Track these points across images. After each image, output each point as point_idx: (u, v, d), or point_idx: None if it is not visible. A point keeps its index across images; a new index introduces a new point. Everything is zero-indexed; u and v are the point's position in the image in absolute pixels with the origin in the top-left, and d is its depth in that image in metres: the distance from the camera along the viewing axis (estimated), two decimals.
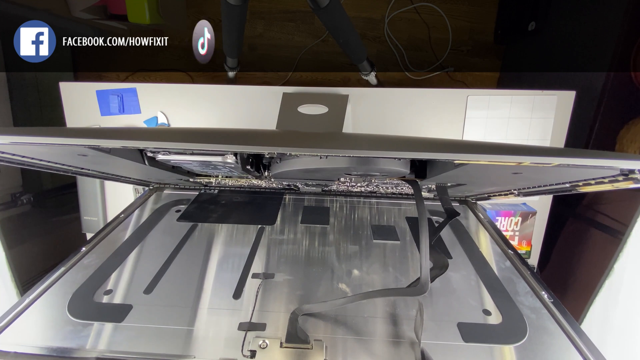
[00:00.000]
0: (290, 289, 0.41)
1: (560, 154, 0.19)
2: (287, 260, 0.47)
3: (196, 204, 0.62)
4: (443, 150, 0.21)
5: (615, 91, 0.93)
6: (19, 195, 1.14)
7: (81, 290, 0.39)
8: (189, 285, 0.41)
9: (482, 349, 0.32)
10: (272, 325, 0.35)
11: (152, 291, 0.40)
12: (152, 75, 1.63)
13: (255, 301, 0.38)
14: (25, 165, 0.36)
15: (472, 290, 0.41)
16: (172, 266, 0.45)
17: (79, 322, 0.34)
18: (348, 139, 0.34)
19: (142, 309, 0.37)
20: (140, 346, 0.31)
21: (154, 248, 0.49)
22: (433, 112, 0.83)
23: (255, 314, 0.36)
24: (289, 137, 0.33)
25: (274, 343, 0.31)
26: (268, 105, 0.83)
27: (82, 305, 0.37)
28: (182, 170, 0.54)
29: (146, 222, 0.56)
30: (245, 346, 0.31)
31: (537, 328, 0.35)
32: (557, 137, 0.82)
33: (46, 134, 0.22)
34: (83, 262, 0.44)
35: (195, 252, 0.49)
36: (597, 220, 0.95)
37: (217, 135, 0.30)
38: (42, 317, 0.35)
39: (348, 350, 0.32)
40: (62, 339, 0.32)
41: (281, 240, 0.52)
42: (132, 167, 0.48)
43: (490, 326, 0.35)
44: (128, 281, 0.42)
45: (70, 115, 0.86)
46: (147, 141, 0.24)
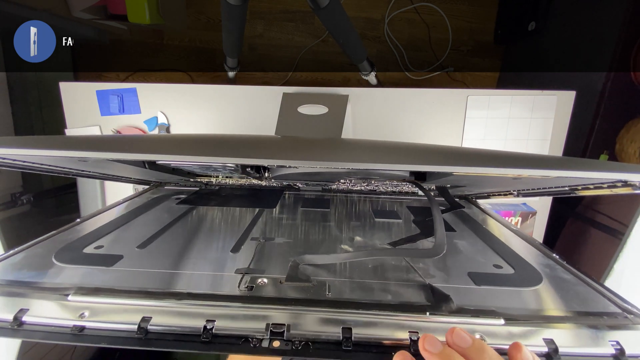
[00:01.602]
0: (290, 248, 0.39)
1: (560, 167, 0.19)
2: (287, 229, 0.45)
3: (197, 194, 0.62)
4: (441, 163, 0.21)
5: (615, 91, 0.93)
6: (19, 195, 1.14)
7: (70, 244, 0.37)
8: (185, 245, 0.40)
9: (496, 292, 0.30)
10: (271, 272, 0.32)
11: (146, 247, 0.38)
12: (152, 75, 1.63)
13: (255, 253, 0.37)
14: (26, 169, 0.36)
15: (479, 252, 0.39)
16: (169, 232, 0.43)
17: (65, 266, 0.32)
18: (347, 149, 0.34)
19: (133, 258, 0.35)
20: (129, 284, 0.29)
21: (151, 219, 0.48)
22: (433, 112, 0.82)
23: (254, 264, 0.34)
24: (288, 148, 0.33)
25: (273, 281, 0.30)
26: (268, 105, 0.83)
27: (70, 255, 0.35)
28: (183, 171, 0.54)
29: (145, 203, 0.55)
30: (242, 284, 0.29)
31: (552, 277, 0.33)
32: (557, 137, 0.82)
33: (50, 146, 0.22)
34: (76, 228, 0.42)
35: (194, 223, 0.47)
36: (597, 220, 0.95)
37: (216, 145, 0.29)
38: (25, 263, 0.33)
39: (353, 289, 0.30)
40: (43, 277, 0.30)
41: (281, 218, 0.50)
42: (132, 169, 0.48)
43: (502, 275, 0.34)
44: (121, 240, 0.40)
45: (70, 115, 0.86)
46: (146, 154, 0.24)
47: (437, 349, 0.19)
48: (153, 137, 0.79)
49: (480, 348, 0.19)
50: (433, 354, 0.19)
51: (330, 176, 0.51)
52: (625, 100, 0.93)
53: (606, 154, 0.96)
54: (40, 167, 0.37)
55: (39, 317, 0.24)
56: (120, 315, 0.24)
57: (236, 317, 0.24)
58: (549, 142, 0.82)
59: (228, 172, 0.57)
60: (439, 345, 0.19)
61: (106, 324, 0.24)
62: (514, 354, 0.19)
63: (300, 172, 0.39)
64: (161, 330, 0.23)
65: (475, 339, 0.19)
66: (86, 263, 0.33)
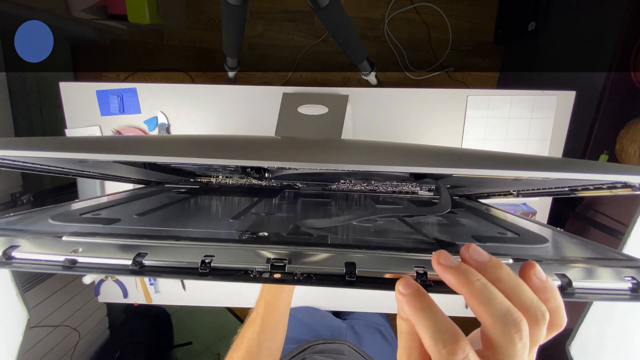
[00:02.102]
0: (290, 221, 0.38)
1: (560, 168, 0.19)
2: (287, 209, 0.45)
3: (197, 190, 0.62)
4: (441, 165, 0.21)
5: (615, 91, 0.93)
6: (19, 195, 1.14)
7: (68, 211, 0.36)
8: (185, 215, 0.39)
9: (501, 248, 0.29)
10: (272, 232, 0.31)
11: (145, 216, 0.37)
12: (152, 75, 1.63)
13: (255, 221, 0.35)
14: (26, 169, 0.36)
15: (482, 225, 0.38)
16: (169, 207, 0.43)
17: (61, 224, 0.31)
18: (347, 150, 0.34)
19: (132, 222, 0.34)
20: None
21: (151, 200, 0.47)
22: (433, 112, 0.82)
23: (255, 227, 0.33)
24: (288, 149, 0.33)
25: (274, 235, 0.29)
26: (268, 105, 0.83)
27: (67, 217, 0.33)
28: (183, 171, 0.54)
29: (146, 192, 0.55)
30: (243, 235, 0.29)
31: (557, 240, 0.32)
32: (557, 137, 0.82)
33: (50, 147, 0.22)
34: (72, 204, 0.42)
35: (194, 204, 0.47)
36: (597, 220, 0.95)
37: (216, 147, 0.29)
38: (21, 222, 0.32)
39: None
40: (39, 229, 0.29)
41: (281, 204, 0.50)
42: (132, 170, 0.48)
43: (507, 237, 0.33)
44: (120, 211, 0.39)
45: (70, 115, 0.86)
46: (146, 155, 0.23)
47: (453, 264, 0.18)
48: (153, 137, 0.79)
49: (497, 264, 0.18)
50: (448, 268, 0.18)
51: (330, 177, 0.51)
52: (625, 100, 0.93)
53: (606, 154, 0.96)
54: (40, 167, 0.37)
55: (30, 252, 0.23)
56: (115, 251, 0.23)
57: (236, 254, 0.23)
58: (549, 142, 0.82)
59: (228, 172, 0.57)
60: (454, 260, 0.18)
61: (100, 258, 0.23)
62: (527, 271, 0.18)
63: (300, 173, 0.39)
64: (157, 264, 0.22)
65: (492, 256, 0.19)
66: (83, 222, 0.33)
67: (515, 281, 0.18)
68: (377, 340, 0.80)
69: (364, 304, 0.93)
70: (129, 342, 1.50)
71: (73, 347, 1.34)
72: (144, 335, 1.56)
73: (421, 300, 0.18)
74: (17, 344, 0.81)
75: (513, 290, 0.18)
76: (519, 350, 0.17)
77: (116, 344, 1.50)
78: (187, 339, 1.74)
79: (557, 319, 0.19)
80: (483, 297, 0.17)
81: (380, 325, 0.86)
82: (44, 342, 1.18)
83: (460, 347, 0.16)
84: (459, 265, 0.18)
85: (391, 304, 0.92)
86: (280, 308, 0.51)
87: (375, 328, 0.84)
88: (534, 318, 0.17)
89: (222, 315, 1.73)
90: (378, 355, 0.71)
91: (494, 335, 0.17)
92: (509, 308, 0.17)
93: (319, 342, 0.70)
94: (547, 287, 0.18)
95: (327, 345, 0.69)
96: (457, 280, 0.18)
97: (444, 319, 0.17)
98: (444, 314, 0.18)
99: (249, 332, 0.49)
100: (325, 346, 0.69)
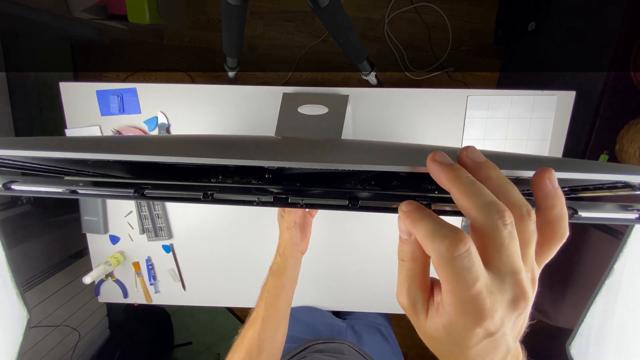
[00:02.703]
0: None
1: (559, 168, 0.19)
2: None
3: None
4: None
5: (615, 91, 0.93)
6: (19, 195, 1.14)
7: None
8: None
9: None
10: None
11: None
12: (152, 75, 1.63)
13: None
14: (27, 170, 0.36)
15: None
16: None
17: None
18: (346, 150, 0.33)
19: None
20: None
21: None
22: (433, 112, 0.82)
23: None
24: (288, 149, 0.32)
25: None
26: (268, 105, 0.83)
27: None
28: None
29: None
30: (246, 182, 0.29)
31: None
32: (557, 137, 0.82)
33: (51, 147, 0.22)
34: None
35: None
36: None
37: (216, 147, 0.29)
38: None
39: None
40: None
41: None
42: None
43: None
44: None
45: (70, 115, 0.86)
46: (147, 155, 0.23)
47: (447, 161, 0.18)
48: (153, 138, 0.79)
49: (491, 166, 0.18)
50: (440, 164, 0.18)
51: (331, 177, 0.51)
52: (625, 100, 0.93)
53: (606, 154, 0.96)
54: (40, 167, 0.37)
55: (30, 186, 0.24)
56: (117, 186, 0.24)
57: (237, 190, 0.23)
58: (549, 142, 0.82)
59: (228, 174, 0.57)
60: (449, 159, 0.18)
61: (101, 189, 0.23)
62: (542, 174, 0.18)
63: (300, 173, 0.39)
64: (158, 194, 0.23)
65: (488, 160, 0.19)
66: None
67: (505, 181, 0.18)
68: (376, 339, 0.80)
69: (364, 304, 0.93)
70: (129, 342, 1.50)
71: (73, 347, 1.34)
72: (144, 335, 1.56)
73: (422, 211, 0.18)
74: (17, 344, 0.81)
75: (501, 189, 0.18)
76: (505, 238, 0.17)
77: (116, 344, 1.50)
78: (187, 339, 1.74)
79: (560, 228, 0.19)
80: (469, 191, 0.17)
81: (380, 325, 0.86)
82: (44, 342, 1.18)
83: (461, 239, 0.16)
84: (452, 164, 0.18)
85: (391, 304, 0.92)
86: (281, 308, 0.52)
87: (375, 328, 0.84)
88: (518, 213, 0.17)
89: (222, 315, 1.73)
90: (378, 355, 0.71)
91: (479, 224, 0.17)
92: (494, 200, 0.17)
93: (319, 342, 0.70)
94: (557, 195, 0.18)
95: (327, 345, 0.69)
96: (446, 176, 0.18)
97: (444, 221, 0.17)
98: (445, 221, 0.18)
99: (250, 333, 0.49)
100: (325, 345, 0.69)
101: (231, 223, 0.90)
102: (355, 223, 0.88)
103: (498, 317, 0.17)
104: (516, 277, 0.17)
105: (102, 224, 0.90)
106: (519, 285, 0.17)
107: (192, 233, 0.91)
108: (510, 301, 0.17)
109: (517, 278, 0.17)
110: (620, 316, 0.70)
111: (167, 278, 0.94)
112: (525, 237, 0.18)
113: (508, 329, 0.18)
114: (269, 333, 0.49)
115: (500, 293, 0.17)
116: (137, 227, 0.90)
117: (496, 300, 0.17)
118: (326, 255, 0.90)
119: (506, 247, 0.17)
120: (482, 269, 0.16)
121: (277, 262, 0.55)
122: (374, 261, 0.90)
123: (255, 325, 0.49)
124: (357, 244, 0.89)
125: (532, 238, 0.18)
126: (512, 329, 0.18)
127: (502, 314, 0.17)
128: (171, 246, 0.92)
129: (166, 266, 0.93)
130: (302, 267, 0.58)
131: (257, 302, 0.53)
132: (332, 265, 0.91)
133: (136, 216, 0.89)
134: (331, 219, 0.88)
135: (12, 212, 1.18)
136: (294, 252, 0.55)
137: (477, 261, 0.16)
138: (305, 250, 0.59)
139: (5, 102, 1.23)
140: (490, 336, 0.17)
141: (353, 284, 0.92)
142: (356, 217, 0.88)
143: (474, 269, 0.16)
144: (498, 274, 0.17)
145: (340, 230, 0.89)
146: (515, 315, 0.18)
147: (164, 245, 0.91)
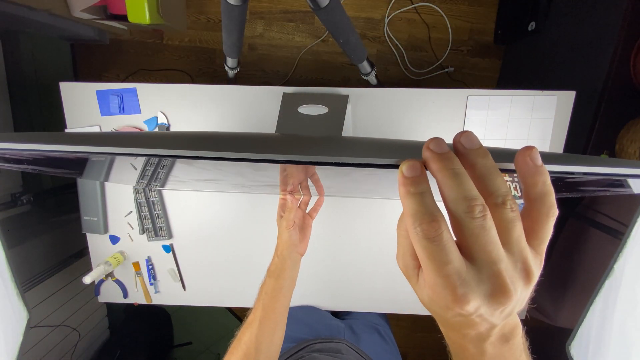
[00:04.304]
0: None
1: (560, 163, 0.19)
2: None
3: None
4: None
5: (615, 91, 0.93)
6: (19, 195, 1.14)
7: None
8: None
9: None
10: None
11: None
12: (152, 75, 1.63)
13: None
14: (28, 169, 0.36)
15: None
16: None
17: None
18: (345, 145, 0.33)
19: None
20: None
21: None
22: (433, 112, 0.82)
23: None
24: (288, 144, 0.32)
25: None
26: (268, 105, 0.83)
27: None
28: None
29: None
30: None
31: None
32: (557, 137, 0.82)
33: (53, 141, 0.22)
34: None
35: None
36: (597, 220, 0.95)
37: (216, 142, 0.29)
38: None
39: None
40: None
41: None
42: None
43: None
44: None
45: (70, 115, 0.86)
46: (153, 149, 0.23)
47: (442, 150, 0.18)
48: (155, 133, 0.79)
49: (482, 153, 0.18)
50: (434, 154, 0.18)
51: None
52: (625, 100, 0.93)
53: (606, 154, 0.96)
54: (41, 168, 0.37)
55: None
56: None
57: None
58: (549, 142, 0.82)
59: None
60: (445, 147, 0.18)
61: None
62: (523, 152, 0.18)
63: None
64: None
65: (483, 146, 0.19)
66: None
67: (489, 169, 0.18)
68: (375, 339, 0.80)
69: (363, 304, 0.93)
70: (129, 342, 1.50)
71: (73, 347, 1.34)
72: (144, 335, 1.56)
73: (418, 185, 0.18)
74: (17, 344, 0.81)
75: (483, 177, 0.18)
76: (475, 229, 0.17)
77: (116, 344, 1.50)
78: (187, 339, 1.74)
79: (544, 205, 0.19)
80: (448, 183, 0.18)
81: (379, 325, 0.86)
82: (44, 342, 1.18)
83: (434, 225, 0.17)
84: (443, 154, 0.18)
85: (389, 304, 0.92)
86: (278, 310, 0.51)
87: (373, 328, 0.84)
88: (493, 202, 0.18)
89: (222, 315, 1.73)
90: (376, 355, 0.71)
91: (453, 216, 0.18)
92: (468, 194, 0.17)
93: (317, 341, 0.70)
94: (538, 172, 0.18)
95: (325, 344, 0.69)
96: (434, 166, 0.18)
97: (427, 202, 0.18)
98: (434, 201, 0.18)
99: (247, 335, 0.48)
100: (323, 345, 0.69)
101: (231, 223, 0.90)
102: (355, 223, 0.88)
103: (472, 306, 0.17)
104: (494, 268, 0.17)
105: (102, 224, 0.90)
106: (499, 277, 0.17)
107: (192, 233, 0.91)
108: (489, 294, 0.17)
109: (495, 269, 0.17)
110: (620, 316, 0.70)
111: (167, 278, 0.94)
112: (503, 224, 0.18)
113: (487, 314, 0.18)
114: (267, 335, 0.48)
115: (477, 283, 0.17)
116: (137, 227, 0.90)
117: (470, 289, 0.17)
118: (325, 255, 0.91)
119: (477, 238, 0.17)
120: (457, 255, 0.17)
121: (275, 263, 0.54)
122: (373, 261, 0.90)
123: (253, 327, 0.48)
124: (356, 244, 0.90)
125: (512, 224, 0.18)
126: (495, 317, 0.18)
127: (477, 305, 0.17)
128: (171, 246, 0.92)
129: (166, 266, 0.93)
130: (301, 266, 0.58)
131: (255, 304, 0.52)
132: (331, 265, 0.91)
133: (136, 216, 0.89)
134: (331, 219, 0.88)
135: (12, 212, 1.18)
136: (292, 253, 0.55)
137: (448, 246, 0.17)
138: (304, 251, 0.59)
139: (5, 102, 1.23)
140: (463, 317, 0.18)
141: (352, 284, 0.92)
142: (356, 217, 0.88)
143: (444, 253, 0.17)
144: (475, 263, 0.17)
145: (339, 231, 0.89)
146: (499, 311, 0.18)
147: (164, 245, 0.91)
